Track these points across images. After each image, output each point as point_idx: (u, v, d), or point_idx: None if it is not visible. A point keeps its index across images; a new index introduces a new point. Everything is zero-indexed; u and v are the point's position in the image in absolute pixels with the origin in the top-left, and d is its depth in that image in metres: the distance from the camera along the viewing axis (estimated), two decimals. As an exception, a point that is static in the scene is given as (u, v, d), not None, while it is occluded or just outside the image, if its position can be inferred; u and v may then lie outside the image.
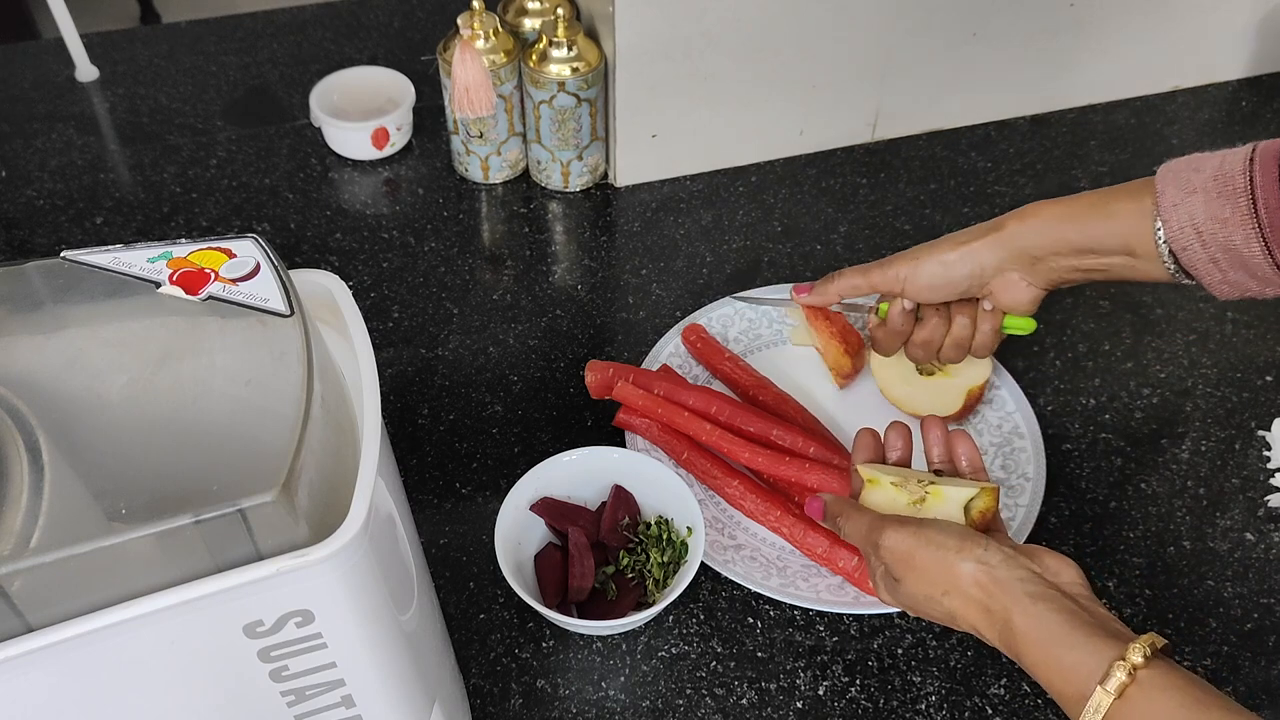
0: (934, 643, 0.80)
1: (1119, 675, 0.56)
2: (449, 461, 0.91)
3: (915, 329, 0.85)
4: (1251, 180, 0.68)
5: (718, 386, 0.95)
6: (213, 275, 0.52)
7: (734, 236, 1.09)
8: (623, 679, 0.78)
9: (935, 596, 0.64)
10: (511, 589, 0.76)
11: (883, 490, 0.72)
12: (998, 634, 0.62)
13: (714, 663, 0.79)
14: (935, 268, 0.81)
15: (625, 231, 1.10)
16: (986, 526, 0.68)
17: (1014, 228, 0.79)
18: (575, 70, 1.03)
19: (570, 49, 1.02)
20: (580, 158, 1.10)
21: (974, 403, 0.90)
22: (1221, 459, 0.91)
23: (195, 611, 0.46)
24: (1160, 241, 0.72)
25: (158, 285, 0.52)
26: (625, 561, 0.81)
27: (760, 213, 1.11)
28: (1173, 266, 0.73)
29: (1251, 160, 0.69)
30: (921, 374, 0.91)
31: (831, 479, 0.83)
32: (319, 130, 1.16)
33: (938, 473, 0.74)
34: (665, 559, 0.81)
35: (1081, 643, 0.58)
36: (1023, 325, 0.83)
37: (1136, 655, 0.56)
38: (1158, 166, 0.74)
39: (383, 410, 0.53)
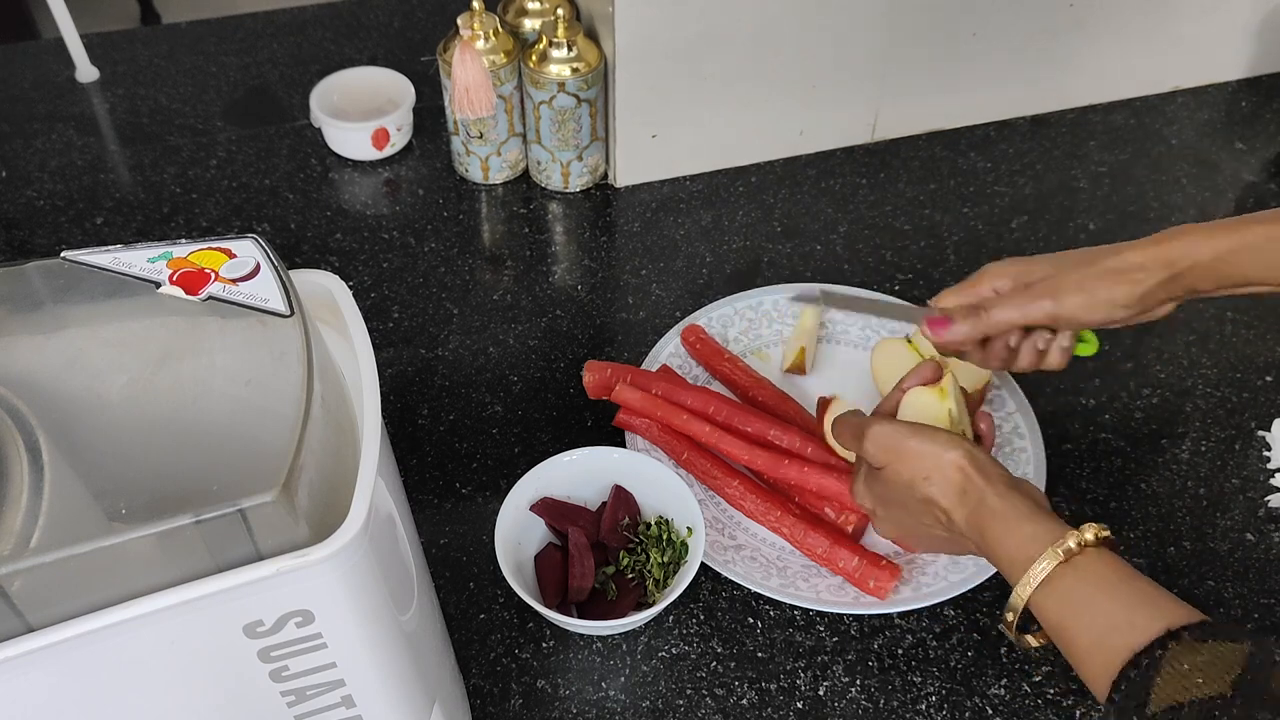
0: (934, 643, 0.80)
1: (1069, 543, 0.63)
2: (449, 461, 0.91)
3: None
4: None
5: (717, 387, 0.95)
6: (213, 275, 0.52)
7: (734, 236, 1.09)
8: (623, 679, 0.78)
9: (915, 482, 0.70)
10: (511, 589, 0.76)
11: (940, 408, 0.75)
12: (967, 513, 0.68)
13: (714, 663, 0.79)
14: (1102, 310, 0.74)
15: (625, 231, 1.10)
16: None
17: (1184, 268, 0.73)
18: (575, 70, 1.03)
19: (570, 49, 1.02)
20: (580, 158, 1.10)
21: (976, 405, 0.90)
22: (1221, 459, 0.91)
23: (195, 611, 0.46)
24: None
25: (158, 285, 0.52)
26: (625, 561, 0.81)
27: (760, 213, 1.11)
28: None
29: None
30: None
31: (831, 478, 0.83)
32: (319, 130, 1.16)
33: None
34: (665, 559, 0.81)
35: (1043, 520, 0.65)
36: (1088, 347, 0.80)
37: (1088, 534, 0.63)
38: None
39: (383, 410, 0.53)
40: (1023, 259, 0.78)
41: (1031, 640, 0.67)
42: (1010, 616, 0.65)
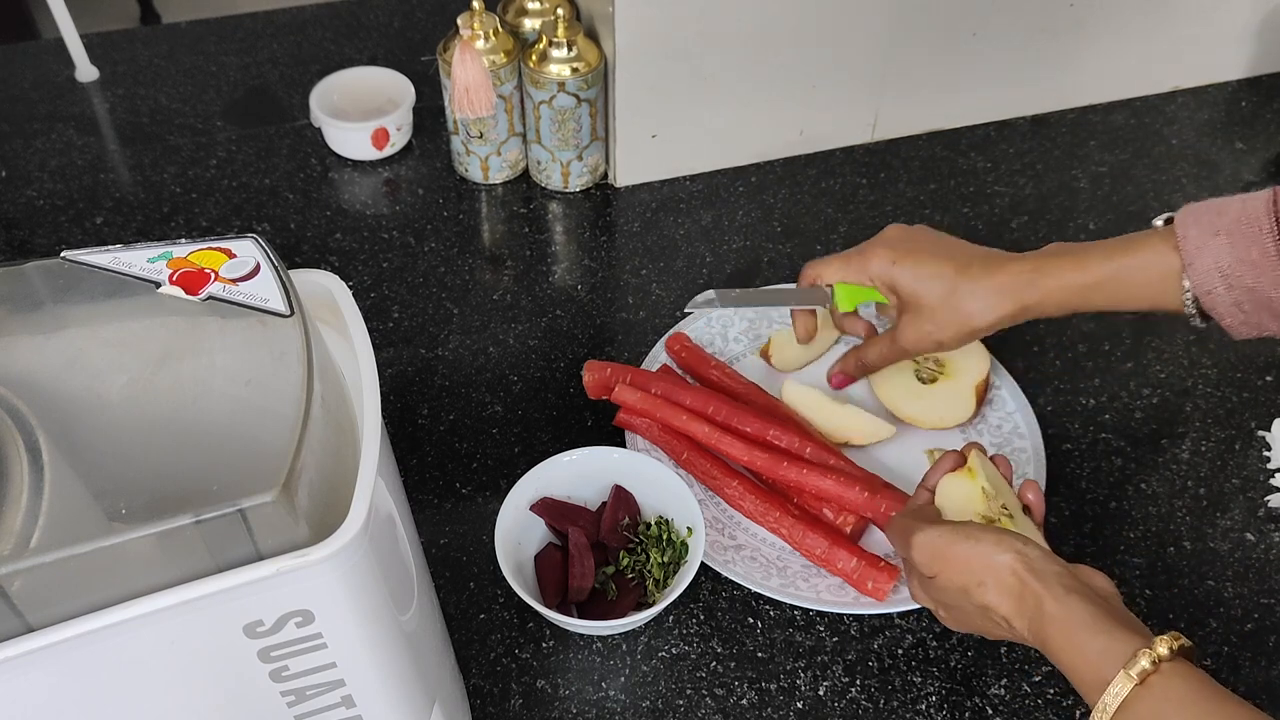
0: (934, 643, 0.80)
1: (1143, 662, 0.58)
2: (449, 461, 0.91)
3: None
4: (1277, 222, 0.69)
5: (718, 387, 0.95)
6: (213, 275, 0.52)
7: (734, 236, 1.09)
8: (623, 679, 0.78)
9: (970, 588, 0.66)
10: (511, 589, 0.76)
11: (972, 487, 0.73)
12: (1028, 622, 0.63)
13: (714, 663, 0.79)
14: (956, 345, 0.82)
15: (625, 231, 1.10)
16: None
17: (1034, 304, 0.78)
18: (575, 70, 1.03)
19: (570, 49, 1.02)
20: (580, 158, 1.10)
21: (982, 398, 0.91)
22: (1221, 459, 0.91)
23: (195, 611, 0.46)
24: (1187, 291, 0.72)
25: (158, 285, 0.52)
26: (625, 561, 0.81)
27: (760, 213, 1.11)
28: (1194, 311, 0.73)
29: (1275, 203, 0.69)
30: (924, 383, 0.91)
31: (830, 479, 0.83)
32: (319, 130, 1.16)
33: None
34: (665, 559, 0.81)
35: (1109, 631, 0.60)
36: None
37: (1162, 648, 0.58)
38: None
39: (383, 410, 0.53)
40: (906, 245, 0.82)
41: None
42: None
